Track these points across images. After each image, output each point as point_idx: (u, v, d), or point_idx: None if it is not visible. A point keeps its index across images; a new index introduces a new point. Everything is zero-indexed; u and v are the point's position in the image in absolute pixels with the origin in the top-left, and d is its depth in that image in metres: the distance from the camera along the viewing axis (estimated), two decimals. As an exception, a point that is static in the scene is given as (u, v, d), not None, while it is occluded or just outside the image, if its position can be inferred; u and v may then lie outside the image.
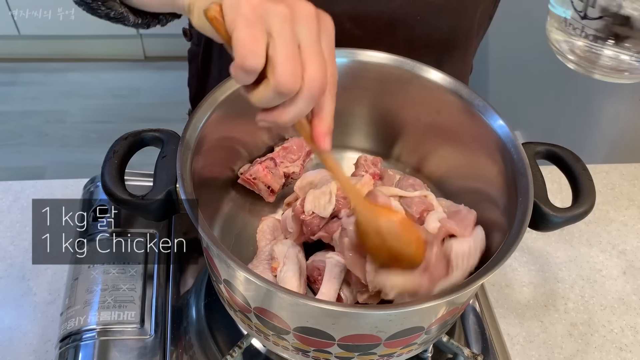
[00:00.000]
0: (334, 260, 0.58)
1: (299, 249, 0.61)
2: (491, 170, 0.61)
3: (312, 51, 0.42)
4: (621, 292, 0.78)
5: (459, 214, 0.61)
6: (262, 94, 0.41)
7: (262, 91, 0.41)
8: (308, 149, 0.70)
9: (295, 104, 0.42)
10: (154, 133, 0.58)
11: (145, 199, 0.53)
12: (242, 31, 0.39)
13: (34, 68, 2.31)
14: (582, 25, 0.51)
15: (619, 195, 0.90)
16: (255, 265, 0.60)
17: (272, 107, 0.43)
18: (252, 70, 0.40)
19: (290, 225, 0.63)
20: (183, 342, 0.64)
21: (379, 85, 0.67)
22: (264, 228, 0.65)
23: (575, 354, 0.72)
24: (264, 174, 0.67)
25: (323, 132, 0.46)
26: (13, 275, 0.72)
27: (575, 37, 0.53)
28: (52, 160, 2.00)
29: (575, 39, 0.53)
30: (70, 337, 0.61)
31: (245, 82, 0.42)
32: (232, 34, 0.40)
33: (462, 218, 0.60)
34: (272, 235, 0.65)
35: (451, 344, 0.64)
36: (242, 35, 0.39)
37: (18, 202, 0.80)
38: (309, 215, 0.60)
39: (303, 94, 0.42)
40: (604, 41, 0.51)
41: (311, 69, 0.41)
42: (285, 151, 0.69)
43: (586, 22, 0.50)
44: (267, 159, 0.68)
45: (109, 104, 2.19)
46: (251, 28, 0.40)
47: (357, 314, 0.49)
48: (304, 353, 0.54)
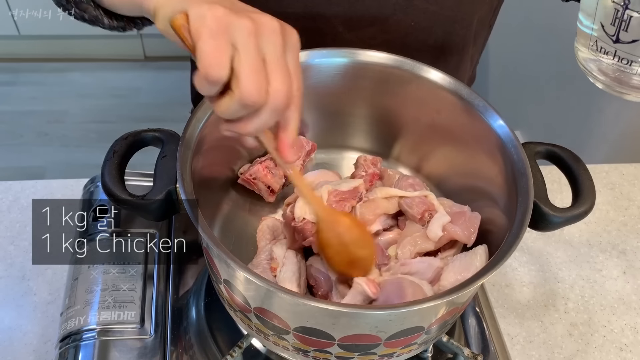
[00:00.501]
0: (360, 288, 0.56)
1: (298, 250, 0.61)
2: (491, 170, 0.61)
3: (277, 65, 0.42)
4: (621, 292, 0.78)
5: (463, 215, 0.61)
6: (226, 105, 0.42)
7: (226, 103, 0.42)
8: (309, 149, 0.70)
9: (260, 117, 0.43)
10: (154, 133, 0.58)
11: (145, 199, 0.53)
12: (206, 42, 0.40)
13: (34, 68, 2.31)
14: (615, 48, 0.50)
15: (619, 195, 0.90)
16: (255, 265, 0.60)
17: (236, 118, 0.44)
18: (216, 81, 0.41)
19: (283, 233, 0.63)
20: (183, 342, 0.64)
21: (379, 85, 0.67)
22: (263, 228, 0.65)
23: (575, 354, 0.72)
24: (264, 174, 0.67)
25: (288, 144, 0.47)
26: (13, 275, 0.72)
27: (605, 57, 0.51)
28: (52, 160, 2.00)
29: (605, 59, 0.51)
30: (70, 337, 0.61)
31: (209, 92, 0.42)
32: (196, 44, 0.40)
33: (466, 222, 0.60)
34: (271, 235, 0.65)
35: (451, 344, 0.64)
36: (206, 46, 0.40)
37: (18, 202, 0.80)
38: (300, 222, 0.60)
39: (267, 107, 0.42)
40: (637, 63, 0.50)
41: (276, 83, 0.42)
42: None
43: (618, 46, 0.49)
44: (267, 158, 0.68)
45: (109, 104, 2.19)
46: (216, 39, 0.40)
47: (357, 314, 0.49)
48: (304, 353, 0.54)
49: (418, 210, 0.62)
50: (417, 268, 0.59)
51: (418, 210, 0.62)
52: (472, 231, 0.60)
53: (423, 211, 0.62)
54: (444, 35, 0.77)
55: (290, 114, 0.46)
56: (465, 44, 0.81)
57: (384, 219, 0.64)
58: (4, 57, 2.31)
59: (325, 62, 0.66)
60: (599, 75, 0.53)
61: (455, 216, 0.62)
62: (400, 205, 0.64)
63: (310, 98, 0.69)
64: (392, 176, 0.68)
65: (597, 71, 0.53)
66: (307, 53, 0.65)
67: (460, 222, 0.61)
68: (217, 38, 0.40)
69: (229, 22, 0.41)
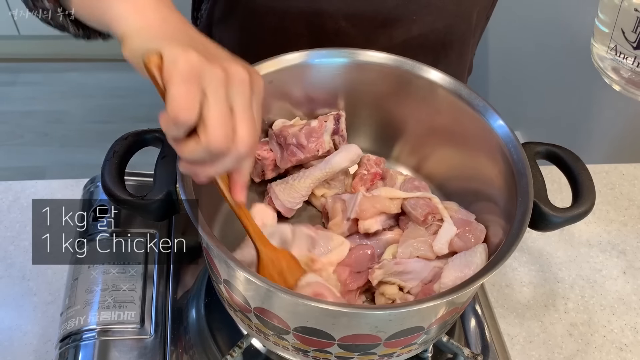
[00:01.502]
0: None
1: (289, 229, 0.62)
2: (491, 170, 0.61)
3: (244, 115, 0.43)
4: (621, 292, 0.78)
5: (469, 226, 0.61)
6: (192, 150, 0.43)
7: (192, 147, 0.43)
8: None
9: (222, 162, 0.44)
10: (154, 133, 0.58)
11: (145, 199, 0.53)
12: (178, 86, 0.41)
13: (34, 68, 2.31)
14: (635, 54, 0.49)
15: (619, 195, 0.90)
16: (242, 248, 0.61)
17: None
18: (184, 125, 0.41)
19: (275, 150, 0.66)
20: (183, 342, 0.64)
21: (379, 85, 0.67)
22: (252, 214, 0.65)
23: (575, 354, 0.72)
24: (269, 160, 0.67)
25: (242, 185, 0.50)
26: (13, 275, 0.72)
27: (623, 61, 0.51)
28: (52, 160, 2.00)
29: (623, 61, 0.51)
30: (70, 337, 0.61)
31: (175, 134, 0.43)
32: (168, 87, 0.41)
33: (471, 235, 0.60)
34: (260, 222, 0.65)
35: (451, 344, 0.64)
36: (178, 90, 0.41)
37: (18, 202, 0.80)
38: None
39: (232, 154, 0.43)
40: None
41: (242, 132, 0.43)
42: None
43: (638, 52, 0.49)
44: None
45: (109, 104, 2.19)
46: (187, 85, 0.41)
47: (357, 314, 0.49)
48: (304, 353, 0.54)
49: (422, 212, 0.62)
50: (413, 267, 0.59)
51: (422, 212, 0.62)
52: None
53: (426, 214, 0.62)
54: (445, 29, 0.78)
55: (248, 159, 0.47)
56: (466, 37, 0.82)
57: (384, 218, 0.64)
58: (4, 57, 2.31)
59: (325, 62, 0.66)
60: (614, 75, 0.53)
61: (460, 224, 0.62)
62: (404, 206, 0.64)
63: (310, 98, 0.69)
64: (394, 177, 0.68)
65: (612, 70, 0.53)
66: (307, 53, 0.65)
67: (465, 236, 0.61)
68: (189, 83, 0.41)
69: (202, 69, 0.42)
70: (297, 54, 0.64)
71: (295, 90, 0.67)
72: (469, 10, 0.77)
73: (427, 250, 0.61)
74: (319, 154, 0.67)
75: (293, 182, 0.66)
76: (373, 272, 0.59)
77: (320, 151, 0.66)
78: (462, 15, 0.77)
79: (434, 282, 0.58)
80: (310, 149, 0.66)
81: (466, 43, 0.83)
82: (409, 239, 0.62)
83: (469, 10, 0.77)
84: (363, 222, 0.63)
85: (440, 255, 0.61)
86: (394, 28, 0.74)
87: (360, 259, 0.61)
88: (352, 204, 0.63)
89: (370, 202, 0.63)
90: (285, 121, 0.69)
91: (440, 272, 0.58)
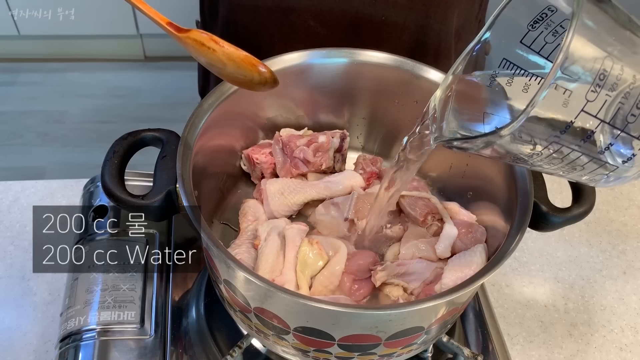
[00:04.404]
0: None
1: (285, 223, 0.62)
2: (491, 170, 0.61)
3: None
4: (621, 292, 0.78)
5: (470, 228, 0.61)
6: None
7: None
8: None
9: None
10: (154, 133, 0.58)
11: (145, 199, 0.53)
12: None
13: (34, 68, 2.31)
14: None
15: (619, 195, 0.90)
16: (237, 245, 0.61)
17: None
18: None
19: (278, 156, 0.66)
20: (183, 342, 0.64)
21: (379, 85, 0.67)
22: (245, 210, 0.66)
23: (575, 354, 0.72)
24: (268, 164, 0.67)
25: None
26: (13, 275, 0.72)
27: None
28: (52, 160, 2.00)
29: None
30: (70, 337, 0.61)
31: None
32: None
33: (472, 238, 0.60)
34: (253, 217, 0.65)
35: (451, 344, 0.64)
36: None
37: (18, 202, 0.80)
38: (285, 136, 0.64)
39: None
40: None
41: None
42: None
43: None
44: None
45: (109, 104, 2.19)
46: None
47: (357, 314, 0.49)
48: (304, 353, 0.54)
49: (421, 212, 0.62)
50: (415, 269, 0.59)
51: (421, 212, 0.62)
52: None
53: (426, 214, 0.62)
54: (418, 30, 0.76)
55: None
56: (443, 39, 0.80)
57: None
58: (4, 57, 2.31)
59: (325, 62, 0.66)
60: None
61: (461, 226, 0.62)
62: (402, 204, 0.64)
63: (310, 98, 0.69)
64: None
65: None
66: (307, 53, 0.65)
67: (466, 238, 0.61)
68: None
69: None
70: (297, 54, 0.64)
71: (295, 90, 0.67)
72: (441, 10, 0.75)
73: (430, 251, 0.61)
74: (321, 168, 0.67)
75: (288, 195, 0.66)
76: (376, 274, 0.59)
77: (324, 166, 0.67)
78: (434, 16, 0.76)
79: (435, 283, 0.58)
80: (315, 163, 0.66)
81: (448, 45, 0.81)
82: (411, 239, 0.62)
83: (442, 10, 0.75)
84: (359, 222, 0.63)
85: (442, 257, 0.61)
86: (364, 28, 0.73)
87: (363, 267, 0.60)
88: (347, 205, 0.63)
89: (365, 201, 0.63)
90: (293, 131, 0.69)
91: (441, 272, 0.58)
